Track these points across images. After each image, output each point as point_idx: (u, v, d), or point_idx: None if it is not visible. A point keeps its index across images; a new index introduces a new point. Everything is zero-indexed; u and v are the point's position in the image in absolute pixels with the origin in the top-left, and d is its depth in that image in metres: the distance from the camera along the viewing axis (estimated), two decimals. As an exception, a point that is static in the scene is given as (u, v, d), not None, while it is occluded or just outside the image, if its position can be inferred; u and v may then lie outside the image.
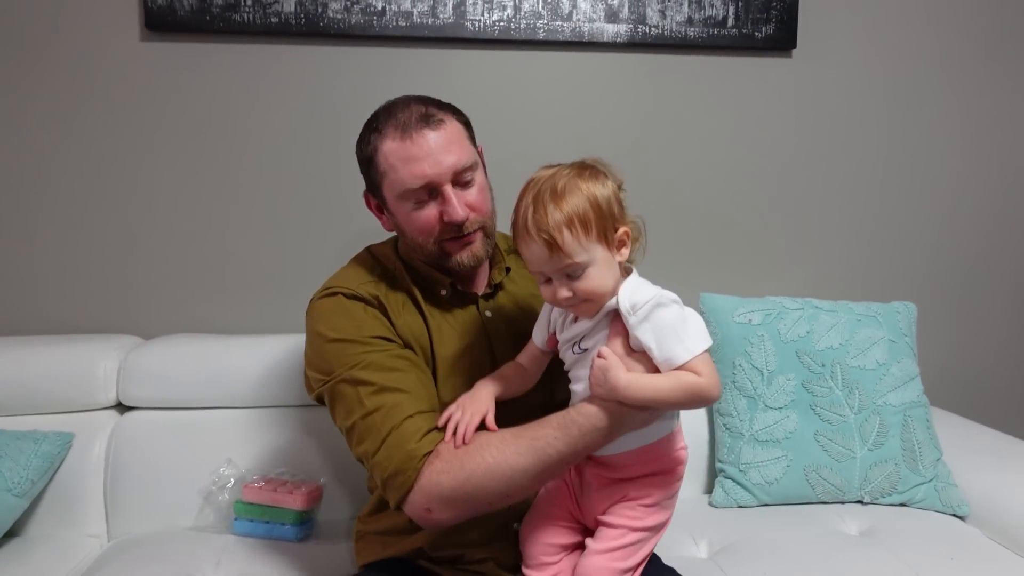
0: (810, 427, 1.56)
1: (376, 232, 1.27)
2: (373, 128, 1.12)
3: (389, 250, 1.23)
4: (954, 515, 1.50)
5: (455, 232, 1.11)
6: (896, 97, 1.91)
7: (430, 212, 1.10)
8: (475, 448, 0.99)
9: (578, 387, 1.05)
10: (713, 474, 1.62)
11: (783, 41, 1.83)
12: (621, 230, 1.00)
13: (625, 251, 1.02)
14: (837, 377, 1.58)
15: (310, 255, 1.77)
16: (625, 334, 1.00)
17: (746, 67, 1.86)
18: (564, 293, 0.98)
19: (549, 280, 1.00)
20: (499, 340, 1.18)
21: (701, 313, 1.67)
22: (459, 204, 1.09)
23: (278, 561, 1.30)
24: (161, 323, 1.73)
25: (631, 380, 0.96)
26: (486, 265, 1.22)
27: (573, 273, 0.97)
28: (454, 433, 1.01)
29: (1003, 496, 1.47)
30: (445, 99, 1.17)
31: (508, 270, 1.26)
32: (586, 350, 1.05)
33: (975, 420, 1.77)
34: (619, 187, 1.02)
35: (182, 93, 1.72)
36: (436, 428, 1.03)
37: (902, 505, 1.53)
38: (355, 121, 1.15)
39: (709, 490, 1.63)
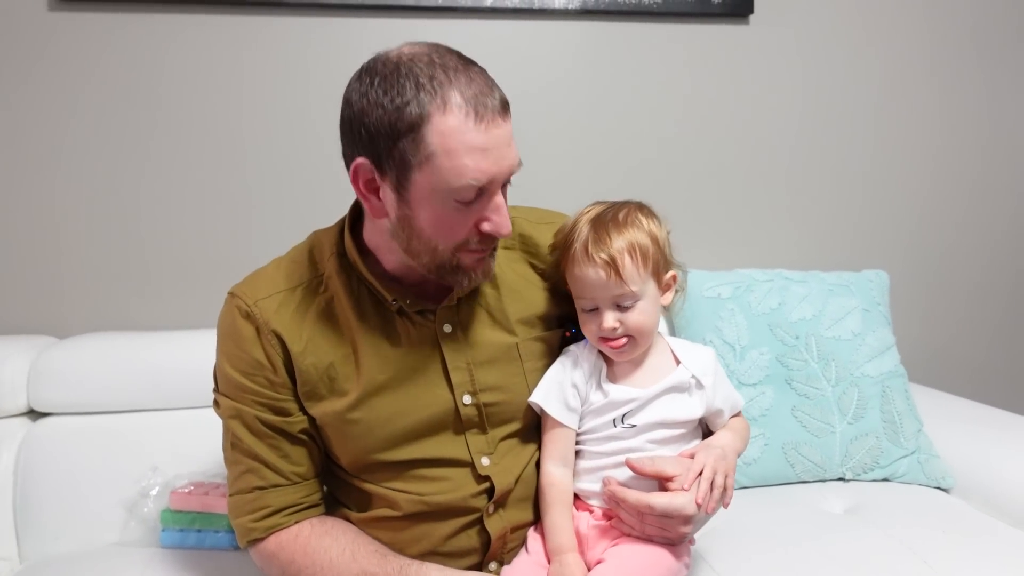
0: (787, 402, 1.47)
1: (311, 220, 1.11)
2: (422, 86, 0.83)
3: (329, 242, 1.02)
4: (938, 488, 1.45)
5: (485, 245, 0.93)
6: (857, 63, 1.86)
7: (469, 217, 0.89)
8: (318, 542, 0.96)
9: (607, 465, 0.97)
10: (687, 458, 1.52)
11: (740, 7, 1.76)
12: (670, 273, 1.01)
13: (669, 295, 1.02)
14: (812, 349, 1.50)
15: (238, 245, 1.64)
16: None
17: (703, 34, 1.78)
18: (611, 323, 0.96)
19: (594, 310, 0.98)
20: (458, 358, 1.00)
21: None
22: (507, 216, 0.90)
23: (209, 573, 1.17)
24: (76, 321, 1.58)
25: (732, 442, 1.02)
26: None
27: (625, 303, 0.96)
28: None
29: (987, 466, 1.42)
30: None
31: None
32: (634, 426, 0.97)
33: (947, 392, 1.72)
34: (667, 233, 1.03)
35: (95, 68, 1.57)
36: (284, 509, 0.98)
37: (884, 480, 1.46)
38: (282, 95, 1.02)
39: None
